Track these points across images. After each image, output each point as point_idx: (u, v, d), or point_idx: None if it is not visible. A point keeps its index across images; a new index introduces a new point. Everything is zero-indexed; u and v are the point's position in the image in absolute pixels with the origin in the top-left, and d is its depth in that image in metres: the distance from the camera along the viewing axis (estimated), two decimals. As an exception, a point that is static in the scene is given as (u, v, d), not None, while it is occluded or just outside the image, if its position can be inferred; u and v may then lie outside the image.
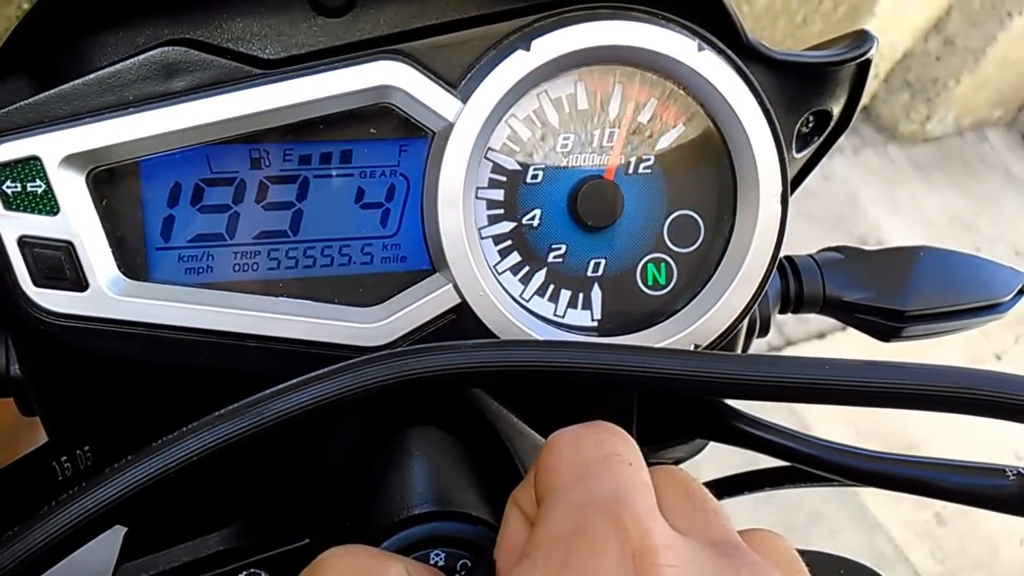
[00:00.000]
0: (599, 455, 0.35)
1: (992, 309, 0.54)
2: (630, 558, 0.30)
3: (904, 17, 2.79)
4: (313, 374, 0.37)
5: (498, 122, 0.45)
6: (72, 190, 0.41)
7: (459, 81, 0.44)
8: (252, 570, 0.44)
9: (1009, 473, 0.47)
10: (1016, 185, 3.09)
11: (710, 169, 0.47)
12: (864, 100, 0.49)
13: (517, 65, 0.43)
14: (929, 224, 2.81)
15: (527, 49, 0.43)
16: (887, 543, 2.01)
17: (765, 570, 0.32)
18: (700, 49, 0.44)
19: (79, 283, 0.41)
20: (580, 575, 0.31)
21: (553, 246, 0.47)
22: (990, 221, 2.90)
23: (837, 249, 0.58)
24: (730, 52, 0.45)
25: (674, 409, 0.51)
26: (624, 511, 0.32)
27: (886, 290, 0.54)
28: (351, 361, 0.37)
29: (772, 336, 2.15)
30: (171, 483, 0.35)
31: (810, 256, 0.57)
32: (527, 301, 0.47)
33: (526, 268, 0.47)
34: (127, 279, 0.43)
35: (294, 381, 0.37)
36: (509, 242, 0.47)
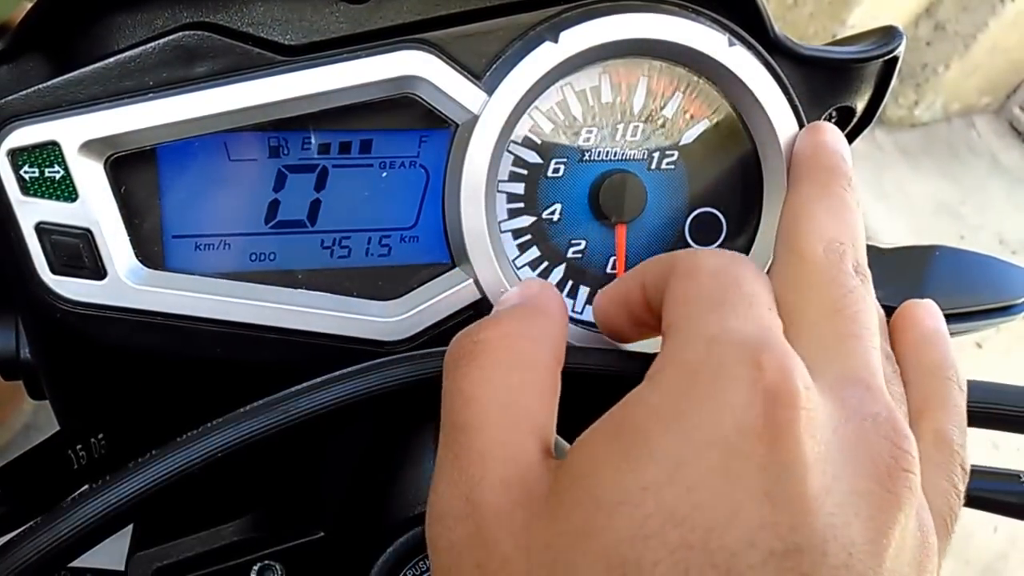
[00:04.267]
0: (738, 293, 0.34)
1: (1006, 311, 0.54)
2: (760, 396, 0.29)
3: (895, 1, 2.79)
4: (345, 371, 0.37)
5: (522, 115, 0.44)
6: (91, 176, 0.40)
7: (484, 72, 0.43)
8: (266, 562, 0.43)
9: (1023, 478, 0.47)
10: (1002, 173, 3.10)
11: (735, 166, 0.47)
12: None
13: (544, 57, 0.43)
14: (914, 210, 2.82)
15: (555, 41, 0.42)
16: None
17: (889, 422, 0.31)
18: (731, 44, 0.44)
19: (97, 271, 0.41)
20: (702, 406, 0.30)
21: (573, 241, 0.47)
22: (975, 208, 2.91)
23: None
24: (759, 47, 0.45)
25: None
26: (762, 350, 0.30)
27: (901, 290, 0.54)
28: (387, 359, 0.37)
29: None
30: (195, 479, 0.35)
31: (824, 253, 0.57)
32: (546, 296, 0.47)
33: (545, 263, 0.47)
34: (145, 268, 0.42)
35: (323, 378, 0.37)
36: (529, 236, 0.46)
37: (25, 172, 0.39)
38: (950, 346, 0.42)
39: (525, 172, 0.45)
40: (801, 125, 0.45)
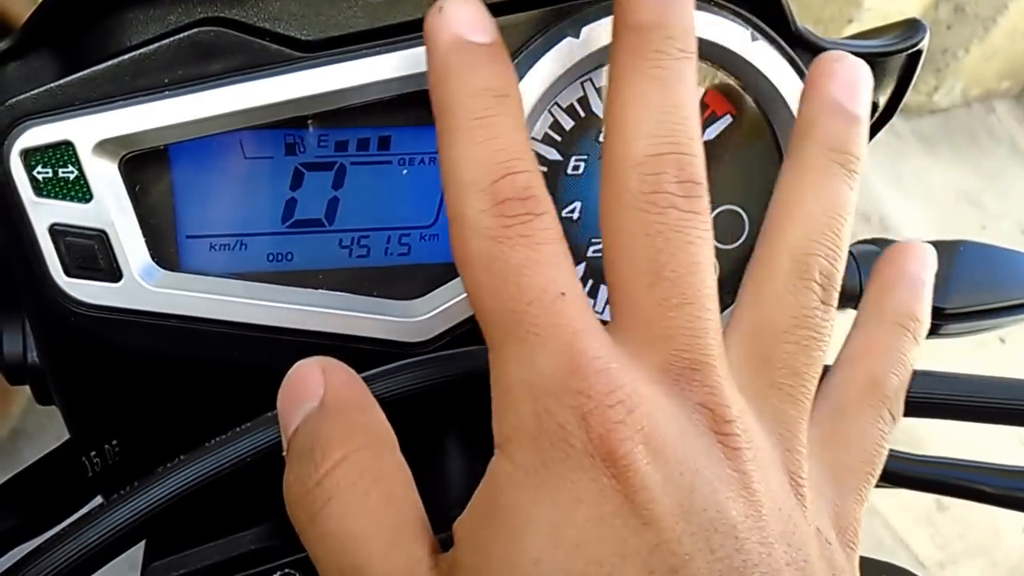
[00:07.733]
0: (527, 301, 0.31)
1: (1032, 307, 0.53)
2: (595, 445, 0.29)
3: (913, -15, 2.76)
4: (383, 369, 0.38)
5: (542, 111, 0.43)
6: (105, 176, 0.39)
7: None
8: (287, 570, 0.43)
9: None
10: (1023, 159, 3.08)
11: (757, 162, 0.46)
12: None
13: (566, 52, 0.42)
14: (934, 199, 2.79)
15: (576, 36, 0.42)
16: (885, 529, 2.01)
17: (709, 406, 0.31)
18: (754, 39, 0.43)
19: (113, 273, 0.40)
20: (556, 468, 0.30)
21: (593, 240, 0.46)
22: (996, 197, 2.88)
23: (873, 242, 0.57)
24: (782, 42, 0.44)
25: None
26: (582, 398, 0.30)
27: (927, 286, 0.53)
28: (412, 360, 0.38)
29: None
30: (224, 485, 0.35)
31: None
32: (567, 296, 0.46)
33: (566, 262, 0.46)
34: (161, 269, 0.41)
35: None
36: None
37: (38, 172, 0.39)
38: (922, 296, 0.40)
39: (545, 169, 0.45)
40: None
